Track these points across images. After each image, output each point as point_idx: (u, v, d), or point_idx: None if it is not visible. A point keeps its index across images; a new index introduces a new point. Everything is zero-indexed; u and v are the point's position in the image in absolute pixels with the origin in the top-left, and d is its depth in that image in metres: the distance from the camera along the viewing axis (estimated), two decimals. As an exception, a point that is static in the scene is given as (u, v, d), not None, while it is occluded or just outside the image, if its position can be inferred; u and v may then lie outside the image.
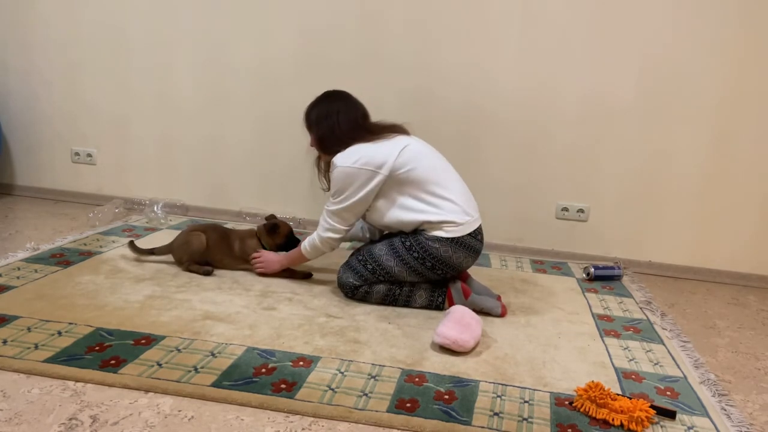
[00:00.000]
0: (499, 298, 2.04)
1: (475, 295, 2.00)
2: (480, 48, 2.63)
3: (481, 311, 1.97)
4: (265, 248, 2.24)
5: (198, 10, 2.85)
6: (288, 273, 2.24)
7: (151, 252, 2.26)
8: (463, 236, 1.94)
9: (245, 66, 2.87)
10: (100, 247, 2.42)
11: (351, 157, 1.93)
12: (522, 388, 1.52)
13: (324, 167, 2.17)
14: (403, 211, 1.94)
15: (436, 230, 1.94)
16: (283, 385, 1.44)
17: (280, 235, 2.25)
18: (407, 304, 2.00)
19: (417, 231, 1.98)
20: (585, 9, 2.51)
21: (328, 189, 2.11)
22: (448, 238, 1.93)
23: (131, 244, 2.28)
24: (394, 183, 1.93)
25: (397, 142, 1.97)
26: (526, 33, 2.58)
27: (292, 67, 2.82)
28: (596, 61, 2.55)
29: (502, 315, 1.98)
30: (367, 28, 2.71)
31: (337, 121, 2.00)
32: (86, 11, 2.96)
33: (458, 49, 2.65)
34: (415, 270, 1.96)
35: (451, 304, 1.97)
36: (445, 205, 1.94)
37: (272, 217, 2.33)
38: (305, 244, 2.07)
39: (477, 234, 1.99)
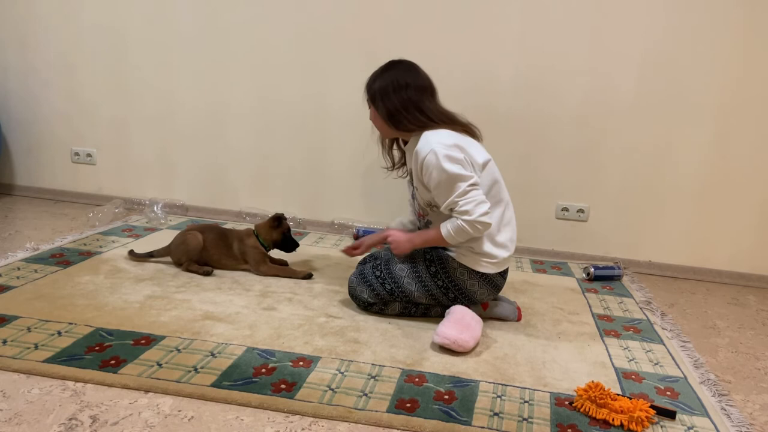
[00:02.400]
0: (519, 309, 2.00)
1: (492, 305, 1.96)
2: (480, 47, 2.63)
3: (499, 318, 1.96)
4: (263, 245, 2.24)
5: (197, 9, 2.85)
6: (288, 273, 2.24)
7: (150, 256, 2.26)
8: (494, 274, 1.85)
9: (245, 65, 2.87)
10: (100, 247, 2.42)
11: (448, 140, 1.73)
12: (522, 388, 1.52)
13: (388, 144, 2.01)
14: None
15: (469, 260, 1.81)
16: (283, 386, 1.44)
17: (279, 230, 2.25)
18: (423, 316, 1.93)
19: (446, 254, 1.85)
20: (585, 8, 2.51)
21: (392, 168, 2.03)
22: (478, 273, 1.82)
23: (131, 253, 2.28)
24: None
25: (482, 148, 1.84)
26: (526, 32, 2.58)
27: (293, 66, 2.82)
28: (596, 62, 2.55)
29: (518, 320, 1.97)
30: (366, 26, 2.71)
31: (408, 97, 1.79)
32: (85, 12, 2.96)
33: (458, 49, 2.65)
34: (435, 297, 1.86)
35: None
36: (497, 237, 1.82)
37: (279, 215, 2.33)
38: (449, 230, 1.73)
39: (505, 273, 1.89)
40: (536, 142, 2.68)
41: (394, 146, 2.02)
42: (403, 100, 1.79)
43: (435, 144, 1.71)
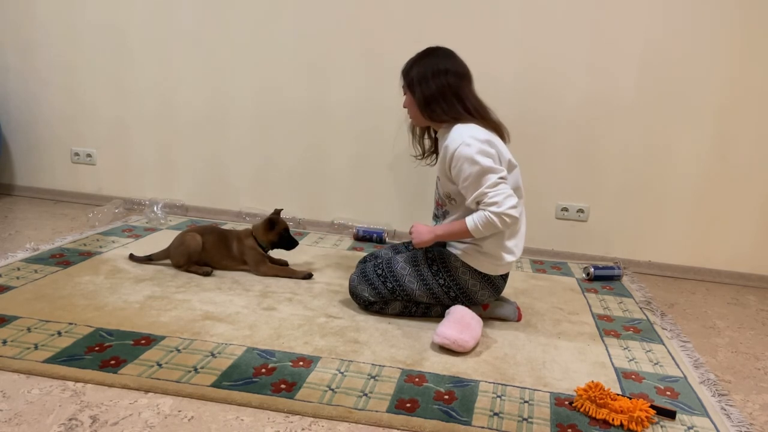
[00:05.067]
0: (519, 309, 2.00)
1: (492, 305, 1.96)
2: (479, 47, 2.62)
3: (499, 318, 1.96)
4: (261, 246, 2.24)
5: (197, 10, 2.85)
6: (288, 273, 2.24)
7: (149, 259, 2.26)
8: (495, 276, 1.84)
9: (245, 65, 2.87)
10: (100, 247, 2.42)
11: (480, 134, 1.71)
12: (522, 388, 1.52)
13: (419, 133, 1.98)
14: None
15: (473, 260, 1.80)
16: (282, 386, 1.44)
17: (274, 232, 2.25)
18: (423, 316, 1.93)
19: (450, 252, 1.85)
20: (586, 8, 2.51)
21: (422, 156, 2.01)
22: (480, 273, 1.82)
23: (131, 257, 2.28)
24: None
25: (509, 151, 1.80)
26: (526, 32, 2.58)
27: (292, 67, 2.82)
28: (596, 62, 2.55)
29: (518, 320, 1.97)
30: (365, 28, 2.71)
31: (447, 83, 1.76)
32: (85, 12, 2.96)
33: (457, 49, 2.64)
34: (437, 296, 1.86)
35: None
36: (508, 242, 1.79)
37: (277, 212, 2.30)
38: (476, 222, 1.68)
39: (506, 276, 1.89)
40: (536, 142, 2.68)
41: (425, 135, 2.00)
42: (441, 86, 1.77)
43: (467, 137, 1.70)
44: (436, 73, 1.77)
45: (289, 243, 2.27)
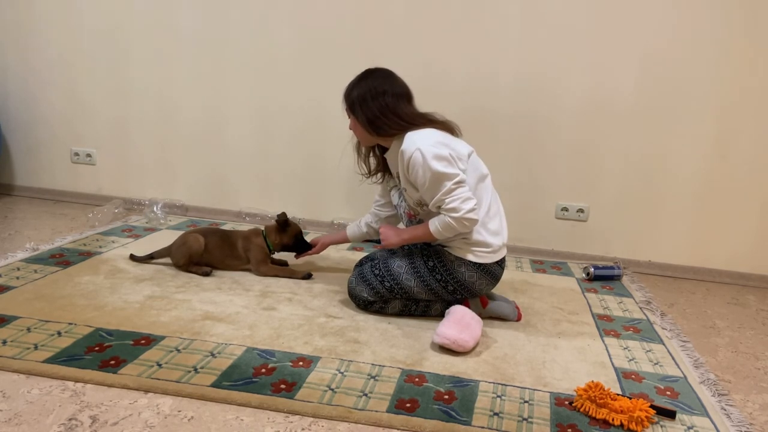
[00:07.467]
0: (517, 306, 2.00)
1: (492, 303, 1.96)
2: (479, 47, 2.63)
3: (498, 317, 1.96)
4: (269, 248, 2.24)
5: (196, 9, 2.85)
6: (287, 273, 2.24)
7: (150, 257, 2.26)
8: (491, 263, 1.85)
9: (245, 65, 2.87)
10: (100, 247, 2.42)
11: (432, 137, 1.75)
12: (522, 388, 1.52)
13: (365, 152, 2.03)
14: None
15: (465, 251, 1.83)
16: (282, 386, 1.44)
17: (288, 234, 2.25)
18: (423, 315, 1.94)
19: (442, 247, 1.87)
20: (586, 8, 2.51)
21: (368, 175, 2.06)
22: (475, 263, 1.83)
23: (132, 257, 2.28)
24: None
25: (463, 142, 1.86)
26: (527, 32, 2.58)
27: (292, 66, 2.82)
28: (597, 62, 2.55)
29: (518, 320, 1.97)
30: (366, 26, 2.71)
31: (385, 103, 1.81)
32: (84, 12, 2.96)
33: (458, 48, 2.65)
34: (435, 292, 1.87)
35: None
36: (489, 225, 1.84)
37: (283, 215, 2.28)
38: (437, 226, 1.76)
39: (502, 262, 1.90)
40: (536, 142, 2.68)
41: (371, 154, 2.04)
42: (381, 106, 1.82)
43: (420, 143, 1.73)
44: (375, 95, 1.82)
45: (303, 247, 2.26)
